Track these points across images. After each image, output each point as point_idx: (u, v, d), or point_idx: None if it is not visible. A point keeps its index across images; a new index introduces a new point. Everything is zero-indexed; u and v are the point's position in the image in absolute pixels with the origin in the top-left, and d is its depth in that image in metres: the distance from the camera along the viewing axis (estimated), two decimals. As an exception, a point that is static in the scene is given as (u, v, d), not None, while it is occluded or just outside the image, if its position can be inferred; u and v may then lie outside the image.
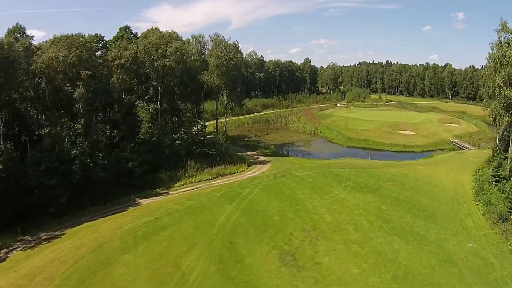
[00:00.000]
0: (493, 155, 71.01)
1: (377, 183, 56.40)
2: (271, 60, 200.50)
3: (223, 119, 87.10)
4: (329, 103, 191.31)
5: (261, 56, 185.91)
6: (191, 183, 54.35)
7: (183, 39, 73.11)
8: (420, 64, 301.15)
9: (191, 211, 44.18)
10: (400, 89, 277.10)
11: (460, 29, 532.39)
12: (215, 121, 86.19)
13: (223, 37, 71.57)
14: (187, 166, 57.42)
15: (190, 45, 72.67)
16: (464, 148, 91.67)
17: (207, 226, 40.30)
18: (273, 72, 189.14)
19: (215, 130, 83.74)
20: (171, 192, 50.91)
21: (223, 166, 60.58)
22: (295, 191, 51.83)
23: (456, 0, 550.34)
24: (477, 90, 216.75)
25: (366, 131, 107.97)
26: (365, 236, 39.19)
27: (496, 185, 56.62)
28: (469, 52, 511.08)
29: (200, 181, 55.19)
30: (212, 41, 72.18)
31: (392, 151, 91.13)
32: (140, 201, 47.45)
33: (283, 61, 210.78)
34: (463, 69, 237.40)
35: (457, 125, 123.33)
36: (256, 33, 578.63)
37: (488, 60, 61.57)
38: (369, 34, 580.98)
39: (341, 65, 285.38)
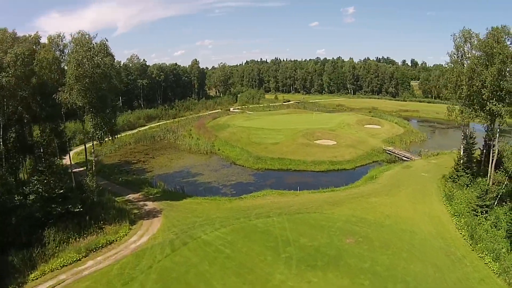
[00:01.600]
0: (457, 170, 61.48)
1: (332, 244, 39.89)
2: (155, 64, 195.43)
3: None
4: (220, 108, 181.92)
5: (144, 60, 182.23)
6: (51, 271, 38.57)
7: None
8: (310, 60, 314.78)
9: None
10: (295, 86, 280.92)
11: (349, 23, 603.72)
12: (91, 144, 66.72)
13: (88, 36, 53.85)
14: (44, 240, 42.96)
15: (45, 51, 55.01)
16: (404, 158, 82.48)
17: None
18: (157, 78, 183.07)
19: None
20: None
21: (95, 235, 45.54)
22: (211, 283, 33.03)
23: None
24: (382, 84, 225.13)
25: (277, 145, 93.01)
26: None
27: (486, 218, 47.76)
28: (359, 45, 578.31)
29: (64, 265, 39.75)
30: (72, 42, 54.58)
31: (318, 171, 77.34)
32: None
33: (168, 64, 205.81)
34: (365, 63, 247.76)
35: (379, 127, 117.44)
36: (141, 37, 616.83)
37: (452, 56, 57.35)
38: (254, 33, 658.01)
39: (230, 65, 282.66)
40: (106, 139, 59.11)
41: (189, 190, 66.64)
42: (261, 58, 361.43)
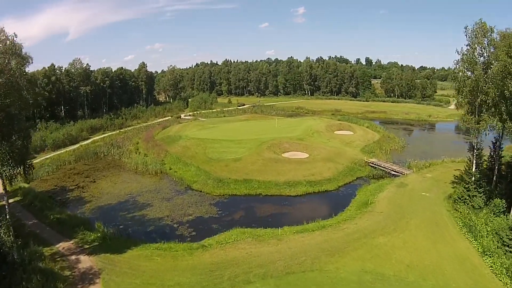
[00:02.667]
0: (468, 189, 52.11)
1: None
2: (100, 69, 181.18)
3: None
4: (171, 115, 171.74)
5: (88, 65, 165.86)
6: None
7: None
8: (261, 61, 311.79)
9: None
10: (249, 89, 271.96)
11: (299, 23, 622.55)
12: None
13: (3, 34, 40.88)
14: None
15: None
16: (393, 173, 72.45)
17: None
18: (102, 84, 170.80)
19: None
20: None
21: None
22: None
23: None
24: (341, 83, 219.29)
25: (240, 162, 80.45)
26: None
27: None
28: (310, 45, 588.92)
29: None
30: None
31: (295, 196, 65.38)
32: None
33: (114, 69, 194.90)
34: (323, 62, 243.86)
35: (352, 133, 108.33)
36: (93, 42, 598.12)
37: (464, 55, 48.88)
38: (205, 35, 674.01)
39: (180, 68, 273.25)
40: (17, 175, 44.88)
41: (135, 232, 52.85)
42: (211, 61, 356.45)
